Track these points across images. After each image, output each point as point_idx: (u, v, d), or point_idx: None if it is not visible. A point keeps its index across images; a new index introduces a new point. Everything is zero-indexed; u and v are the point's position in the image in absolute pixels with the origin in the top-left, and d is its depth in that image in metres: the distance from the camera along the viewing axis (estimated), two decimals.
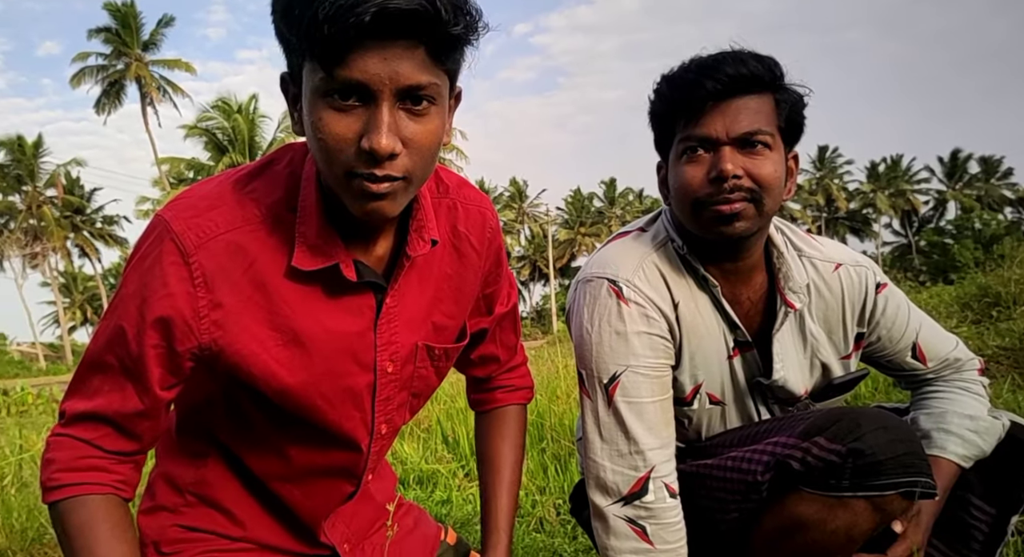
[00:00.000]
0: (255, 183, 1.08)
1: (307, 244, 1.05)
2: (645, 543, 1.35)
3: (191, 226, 1.01)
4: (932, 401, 1.55)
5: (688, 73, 1.35)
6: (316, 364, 1.11)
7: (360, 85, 0.90)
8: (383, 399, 1.20)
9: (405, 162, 0.95)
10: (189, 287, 1.01)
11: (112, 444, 1.06)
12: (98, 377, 1.06)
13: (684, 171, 1.37)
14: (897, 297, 1.54)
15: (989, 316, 6.54)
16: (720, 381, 1.49)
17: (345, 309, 1.11)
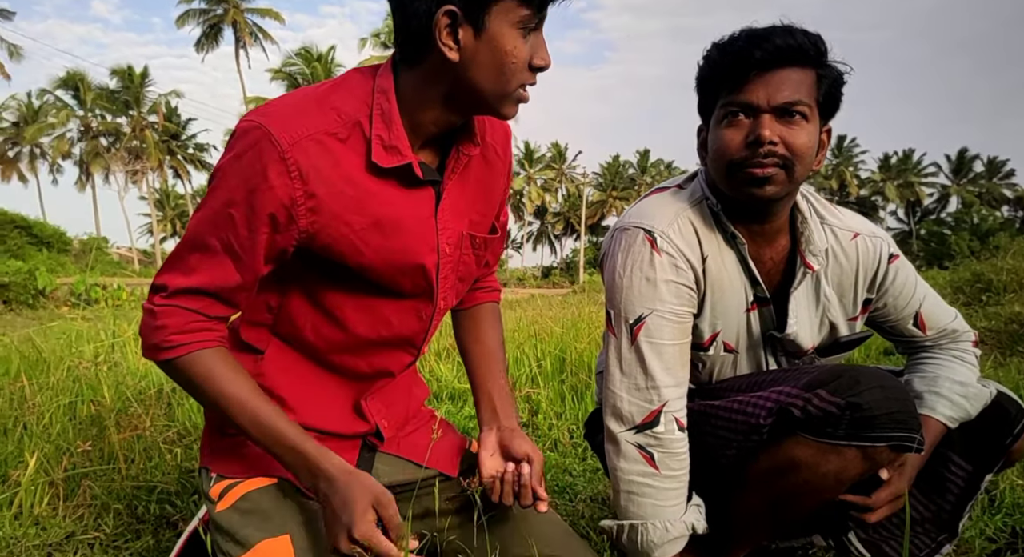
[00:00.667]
0: (332, 97, 1.12)
1: (383, 145, 1.12)
2: (651, 467, 1.34)
3: (285, 128, 1.05)
4: (927, 366, 1.51)
5: (738, 41, 1.28)
6: (394, 243, 1.16)
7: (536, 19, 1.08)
8: (443, 277, 1.25)
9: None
10: (287, 180, 1.06)
11: (214, 311, 1.12)
12: (200, 256, 1.10)
13: (723, 134, 1.31)
14: (907, 269, 1.48)
15: (979, 300, 6.39)
16: (736, 331, 1.45)
17: (413, 200, 1.17)
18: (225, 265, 1.10)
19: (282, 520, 1.19)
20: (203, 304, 1.11)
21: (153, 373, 2.92)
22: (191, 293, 1.10)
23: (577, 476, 2.34)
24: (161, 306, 1.10)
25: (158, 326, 1.09)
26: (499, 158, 1.33)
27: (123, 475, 1.97)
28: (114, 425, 2.14)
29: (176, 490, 1.92)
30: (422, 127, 1.15)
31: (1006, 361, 3.99)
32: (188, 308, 1.10)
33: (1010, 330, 4.77)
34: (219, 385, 1.11)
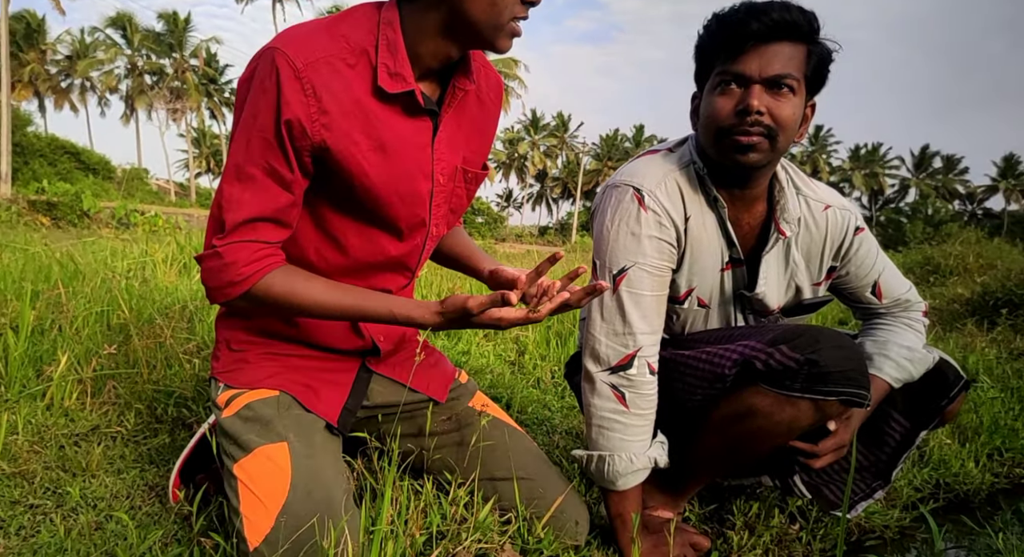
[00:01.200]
0: (341, 27, 1.09)
1: (389, 72, 1.08)
2: (622, 405, 1.32)
3: (299, 50, 1.03)
4: (879, 331, 1.48)
5: (738, 13, 1.21)
6: (394, 166, 1.13)
7: None
8: (436, 205, 1.23)
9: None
10: (302, 97, 1.02)
11: (274, 235, 1.10)
12: (244, 186, 1.06)
13: (715, 101, 1.25)
14: (870, 241, 1.44)
15: (928, 281, 6.40)
16: (710, 288, 1.41)
17: (414, 127, 1.14)
18: (271, 188, 1.06)
19: (282, 428, 1.18)
20: (263, 232, 1.08)
21: (179, 290, 2.89)
22: (248, 224, 1.06)
23: (555, 412, 2.34)
24: (225, 245, 1.06)
25: (227, 263, 1.06)
26: (492, 102, 1.30)
27: (145, 379, 1.95)
28: (138, 334, 2.11)
29: (192, 396, 1.90)
30: (422, 59, 1.11)
31: (945, 336, 3.99)
32: (250, 240, 1.07)
33: (951, 309, 4.77)
34: (300, 292, 1.09)
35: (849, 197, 49.40)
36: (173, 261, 3.80)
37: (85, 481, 1.47)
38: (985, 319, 4.33)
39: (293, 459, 1.14)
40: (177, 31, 45.68)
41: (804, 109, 1.27)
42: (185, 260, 3.92)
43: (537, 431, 2.14)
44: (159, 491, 1.47)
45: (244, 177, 1.05)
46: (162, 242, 4.49)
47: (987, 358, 3.11)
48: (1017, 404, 2.42)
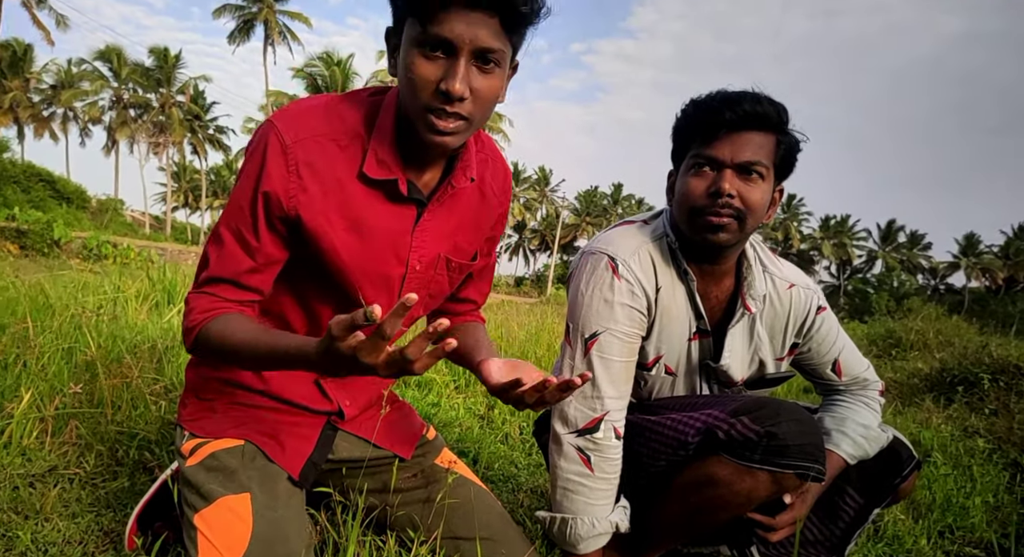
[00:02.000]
0: (343, 106, 1.13)
1: (376, 158, 1.11)
2: (587, 469, 1.35)
3: (291, 126, 1.07)
4: (838, 407, 1.54)
5: (713, 101, 1.30)
6: (367, 249, 1.15)
7: (446, 41, 0.95)
8: (408, 289, 1.22)
9: (469, 107, 1.00)
10: (284, 171, 1.06)
11: (232, 294, 1.12)
12: (215, 249, 1.11)
13: (689, 181, 1.33)
14: (831, 320, 1.52)
15: (889, 354, 6.54)
16: (678, 357, 1.46)
17: (396, 213, 1.16)
18: (235, 252, 1.10)
19: (245, 479, 1.17)
20: (222, 290, 1.11)
21: (150, 328, 2.86)
22: (211, 282, 1.11)
23: (522, 469, 2.34)
24: (191, 294, 1.12)
25: (187, 311, 1.10)
26: (495, 198, 1.31)
27: (109, 419, 1.92)
28: (105, 373, 2.09)
29: (156, 439, 1.88)
30: (413, 147, 1.12)
31: (904, 410, 4.08)
32: (209, 293, 1.11)
33: (911, 383, 4.88)
34: (229, 335, 1.04)
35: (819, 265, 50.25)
36: (145, 298, 3.77)
37: (38, 525, 1.44)
38: (942, 395, 4.45)
39: (255, 511, 1.13)
40: (167, 67, 46.00)
41: (772, 193, 1.35)
42: (157, 297, 3.89)
43: (503, 488, 2.13)
44: (114, 537, 1.44)
45: (216, 238, 1.12)
46: (135, 277, 4.45)
47: (941, 435, 3.18)
48: (968, 483, 2.48)
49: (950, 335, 6.68)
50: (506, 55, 1.01)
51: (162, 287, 4.13)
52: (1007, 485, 2.60)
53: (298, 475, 1.24)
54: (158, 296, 3.93)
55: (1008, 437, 3.34)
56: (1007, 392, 4.17)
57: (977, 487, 2.44)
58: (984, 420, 3.74)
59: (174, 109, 46.49)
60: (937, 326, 7.04)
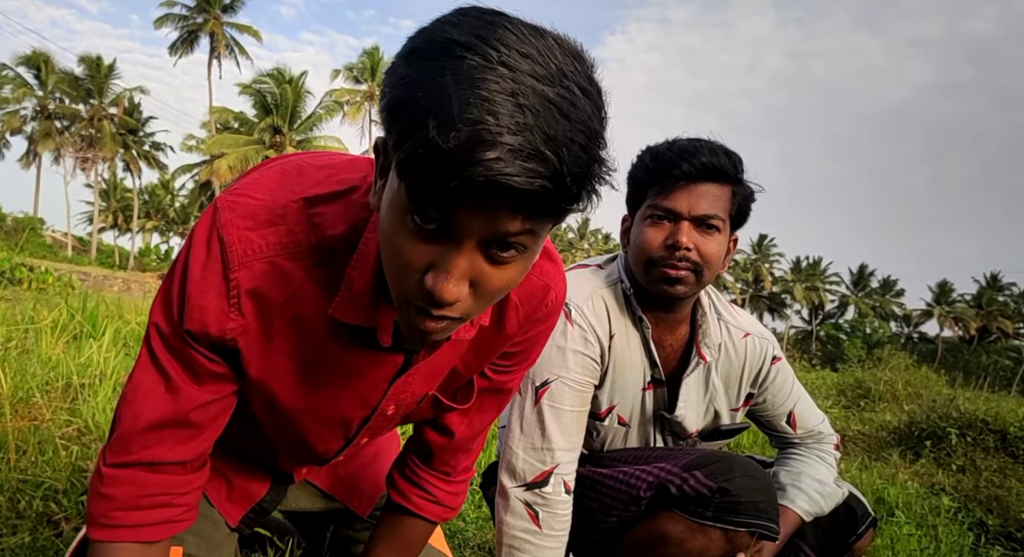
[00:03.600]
0: (324, 208, 0.84)
1: (351, 294, 0.84)
2: (535, 525, 1.36)
3: (241, 238, 0.81)
4: (793, 461, 1.60)
5: (670, 151, 1.37)
6: (321, 396, 0.95)
7: (444, 221, 0.64)
8: (373, 428, 1.07)
9: (466, 305, 0.70)
10: (223, 304, 0.83)
11: (174, 453, 0.88)
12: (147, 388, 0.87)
13: (646, 232, 1.39)
14: (786, 371, 1.58)
15: (857, 405, 6.73)
16: (631, 407, 1.51)
17: (370, 362, 0.92)
18: (176, 388, 0.87)
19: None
20: (160, 440, 0.88)
21: (64, 364, 2.79)
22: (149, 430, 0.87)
23: (470, 523, 2.33)
24: (111, 468, 0.87)
25: (104, 495, 0.87)
26: (516, 321, 0.99)
27: (11, 466, 1.86)
28: (12, 413, 2.03)
29: (64, 488, 1.82)
30: None
31: (871, 464, 4.20)
32: (144, 463, 0.87)
33: (879, 437, 5.03)
34: None
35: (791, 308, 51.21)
36: (62, 329, 3.66)
37: None
38: (910, 450, 4.59)
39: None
40: (99, 77, 45.32)
41: (728, 244, 1.43)
42: (76, 329, 3.79)
43: (449, 544, 2.12)
44: None
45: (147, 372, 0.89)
46: (51, 305, 4.33)
47: (907, 492, 3.29)
48: (933, 543, 2.56)
49: (919, 386, 6.93)
50: (539, 236, 0.68)
51: (82, 317, 4.03)
52: (971, 546, 2.70)
53: (236, 523, 1.19)
54: (77, 327, 3.82)
55: (975, 495, 3.47)
56: (974, 448, 4.33)
57: (942, 548, 2.52)
58: (951, 477, 3.87)
59: (105, 122, 45.67)
60: (906, 377, 7.30)
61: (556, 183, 0.59)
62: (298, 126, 39.26)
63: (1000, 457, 4.17)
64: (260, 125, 38.14)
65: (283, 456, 1.15)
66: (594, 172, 0.63)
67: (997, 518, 3.16)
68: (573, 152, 0.59)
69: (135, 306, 5.09)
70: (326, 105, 41.05)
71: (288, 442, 1.08)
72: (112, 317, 4.27)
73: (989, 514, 3.21)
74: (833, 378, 8.89)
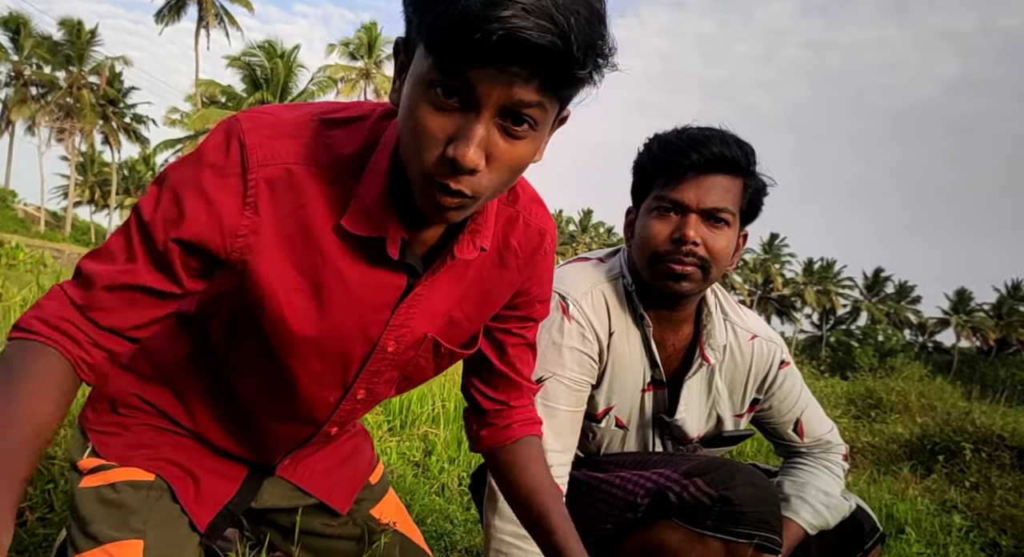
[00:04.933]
0: (338, 131, 0.94)
1: (361, 207, 0.92)
2: (524, 530, 1.36)
3: (262, 141, 0.89)
4: (798, 471, 1.60)
5: (679, 140, 1.37)
6: (324, 321, 0.99)
7: (465, 94, 0.76)
8: (371, 371, 1.09)
9: (482, 179, 0.81)
10: (239, 202, 0.89)
11: (105, 318, 0.90)
12: (122, 245, 0.91)
13: (651, 225, 1.39)
14: (794, 376, 1.58)
15: (868, 415, 6.75)
16: (629, 409, 1.51)
17: (375, 281, 0.98)
18: (145, 263, 0.91)
19: (141, 522, 1.11)
20: (95, 299, 0.91)
21: None
22: (91, 281, 0.91)
23: (458, 525, 2.34)
24: (58, 286, 0.93)
25: (36, 305, 0.92)
26: (517, 264, 1.09)
27: None
28: None
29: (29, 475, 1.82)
30: (411, 199, 0.91)
31: (880, 478, 4.21)
32: (76, 304, 0.91)
33: (889, 449, 5.04)
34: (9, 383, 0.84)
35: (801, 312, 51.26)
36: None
37: None
38: (921, 464, 4.61)
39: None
40: (79, 43, 45.10)
41: (737, 239, 1.42)
42: None
43: (435, 547, 2.13)
44: None
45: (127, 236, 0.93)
46: (22, 283, 4.32)
47: (917, 509, 3.30)
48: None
49: (933, 398, 6.94)
50: (548, 114, 0.81)
51: None
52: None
53: (205, 528, 1.18)
54: None
55: (988, 514, 3.48)
56: (989, 464, 4.34)
57: None
58: (964, 494, 3.88)
59: (85, 91, 45.52)
60: (920, 388, 7.31)
61: (565, 42, 0.71)
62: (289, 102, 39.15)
63: (1016, 475, 4.18)
64: (249, 100, 38.00)
65: (278, 427, 1.16)
66: (598, 45, 0.75)
67: (1011, 539, 3.17)
68: (580, 19, 0.72)
69: None
70: (319, 81, 40.96)
71: (287, 401, 1.09)
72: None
73: (1003, 534, 3.22)
74: (843, 386, 8.92)
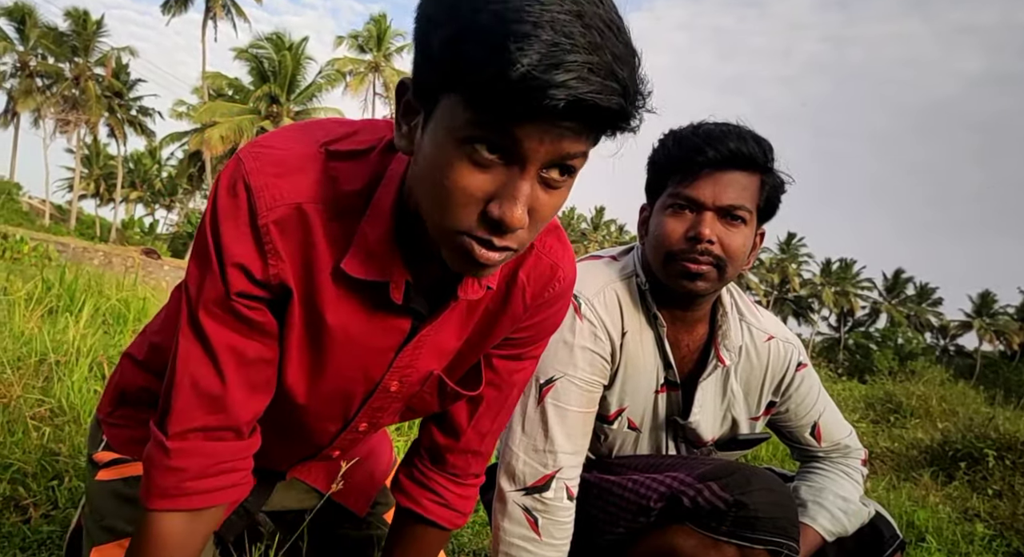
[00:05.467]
0: (344, 164, 0.90)
1: (364, 248, 0.89)
2: (534, 532, 1.37)
3: (269, 184, 0.86)
4: (816, 476, 1.59)
5: (695, 136, 1.36)
6: (326, 367, 0.99)
7: (511, 146, 0.71)
8: (374, 407, 1.08)
9: (523, 234, 0.77)
10: (258, 250, 0.87)
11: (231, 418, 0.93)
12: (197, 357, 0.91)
13: (666, 223, 1.39)
14: (812, 379, 1.58)
15: (887, 420, 6.72)
16: (642, 411, 1.50)
17: (378, 325, 0.96)
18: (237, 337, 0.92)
19: None
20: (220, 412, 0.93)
21: (39, 340, 2.81)
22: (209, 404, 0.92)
23: (465, 527, 2.34)
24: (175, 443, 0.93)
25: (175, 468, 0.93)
26: (523, 302, 1.03)
27: None
28: None
29: (34, 471, 1.84)
30: (419, 237, 0.88)
31: (899, 484, 4.19)
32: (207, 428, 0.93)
33: (909, 455, 5.02)
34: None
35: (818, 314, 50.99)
36: (37, 302, 3.68)
37: None
38: (942, 471, 4.58)
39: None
40: (85, 34, 45.36)
41: (754, 238, 1.41)
42: (52, 302, 3.81)
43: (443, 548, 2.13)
44: None
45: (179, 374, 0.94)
46: (26, 277, 4.36)
47: (938, 516, 3.28)
48: None
49: (955, 403, 6.90)
50: (587, 157, 0.77)
51: (59, 290, 4.05)
52: None
53: (218, 526, 1.16)
54: (53, 301, 3.85)
55: (1011, 523, 3.46)
56: (1013, 472, 4.31)
57: None
58: (987, 502, 3.86)
59: (91, 83, 45.78)
60: (941, 392, 7.27)
61: (627, 100, 0.68)
62: (296, 96, 39.24)
63: None
64: (256, 93, 38.12)
65: (275, 446, 1.14)
66: (645, 92, 0.72)
67: None
68: (632, 69, 0.69)
69: (116, 281, 5.11)
70: (327, 75, 41.01)
71: (284, 426, 1.09)
72: (91, 292, 4.29)
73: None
74: (861, 390, 8.88)
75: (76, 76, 45.95)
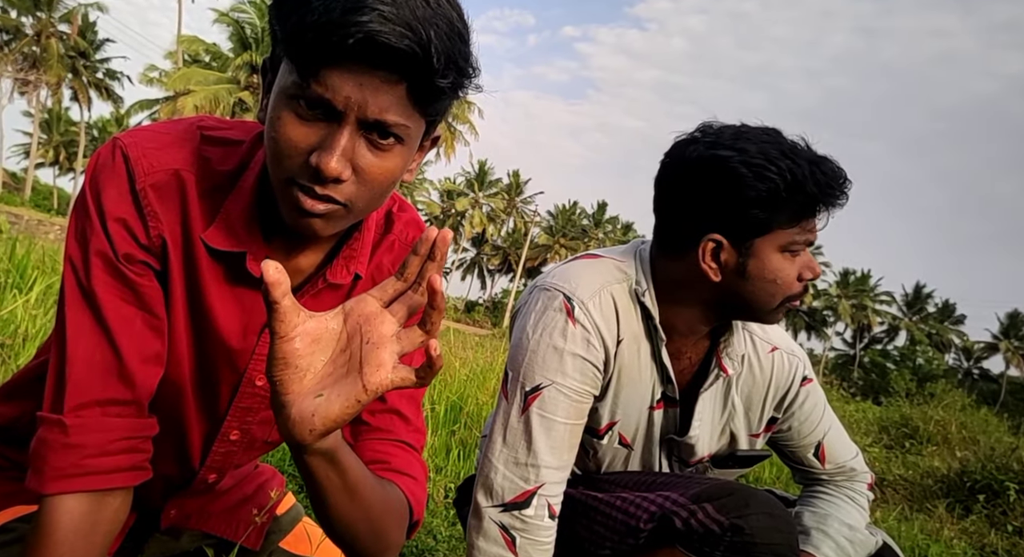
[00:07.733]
0: (216, 149, 1.01)
1: (226, 222, 0.99)
2: (510, 553, 1.36)
3: (146, 153, 0.95)
4: (819, 501, 1.60)
5: (827, 176, 1.32)
6: (196, 344, 1.04)
7: (327, 102, 0.83)
8: (243, 407, 1.11)
9: (350, 189, 0.88)
10: (134, 213, 0.95)
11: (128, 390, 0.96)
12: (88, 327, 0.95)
13: (785, 268, 1.36)
14: (817, 395, 1.58)
15: (902, 445, 6.75)
16: (635, 427, 1.50)
17: (239, 301, 1.03)
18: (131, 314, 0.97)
19: None
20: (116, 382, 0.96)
21: None
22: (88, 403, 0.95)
23: (441, 542, 2.35)
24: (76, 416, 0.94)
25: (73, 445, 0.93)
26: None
27: None
28: None
29: None
30: (280, 220, 0.96)
31: (912, 515, 4.21)
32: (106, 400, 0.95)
33: (924, 484, 5.04)
34: None
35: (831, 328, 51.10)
36: None
37: None
38: (959, 503, 4.60)
39: None
40: None
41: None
42: (0, 278, 3.78)
43: None
44: None
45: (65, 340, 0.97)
46: None
47: (952, 551, 3.29)
48: None
49: (976, 431, 6.93)
50: (415, 130, 0.89)
51: (8, 266, 4.02)
52: None
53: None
54: (1, 277, 3.82)
55: None
56: None
57: None
58: (1006, 539, 3.88)
59: (53, 40, 45.49)
60: (962, 418, 7.30)
61: (424, 50, 0.79)
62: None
63: None
64: (235, 61, 37.90)
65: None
66: (459, 58, 0.84)
67: None
68: (439, 31, 0.80)
69: None
70: None
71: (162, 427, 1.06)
72: (44, 270, 4.27)
73: None
74: (875, 412, 8.93)
75: (37, 32, 45.64)
